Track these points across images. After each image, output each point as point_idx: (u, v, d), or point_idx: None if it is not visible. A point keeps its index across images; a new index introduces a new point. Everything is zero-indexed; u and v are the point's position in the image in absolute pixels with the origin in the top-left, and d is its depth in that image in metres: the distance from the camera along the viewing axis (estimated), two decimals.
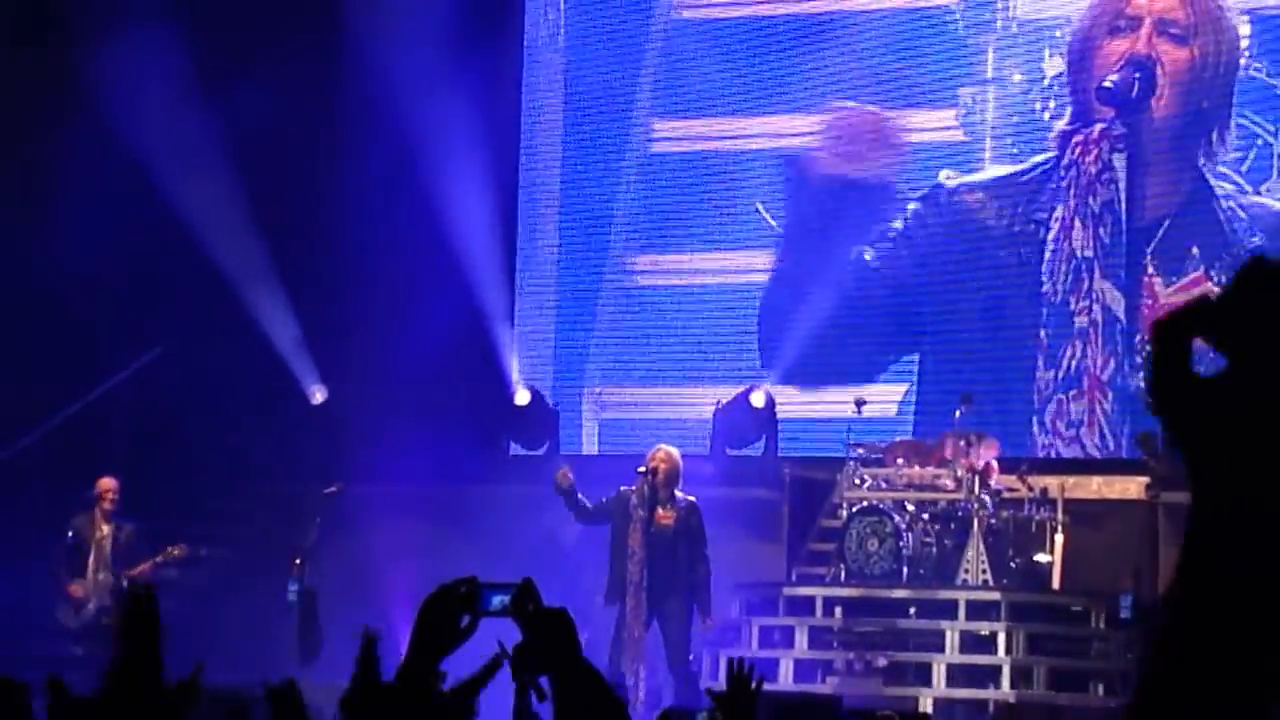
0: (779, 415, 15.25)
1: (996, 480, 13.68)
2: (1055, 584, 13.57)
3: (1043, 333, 15.38)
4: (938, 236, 15.84)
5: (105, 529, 13.19)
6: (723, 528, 13.41)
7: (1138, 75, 15.26)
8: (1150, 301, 15.06)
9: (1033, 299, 15.42)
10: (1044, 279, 15.42)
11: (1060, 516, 13.59)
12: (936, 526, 13.57)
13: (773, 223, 16.25)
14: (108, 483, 13.25)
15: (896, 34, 15.93)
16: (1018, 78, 15.77)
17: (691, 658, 12.20)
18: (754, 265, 16.31)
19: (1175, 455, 13.81)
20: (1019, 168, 15.66)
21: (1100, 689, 12.83)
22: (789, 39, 16.43)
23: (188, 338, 15.53)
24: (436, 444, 14.68)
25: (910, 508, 13.66)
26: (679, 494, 12.33)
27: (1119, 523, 13.72)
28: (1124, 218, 15.26)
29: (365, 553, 14.05)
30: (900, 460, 14.07)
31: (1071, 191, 15.39)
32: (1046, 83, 15.68)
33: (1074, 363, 15.27)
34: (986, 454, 13.66)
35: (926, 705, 12.46)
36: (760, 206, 16.33)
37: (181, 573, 13.92)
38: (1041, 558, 13.59)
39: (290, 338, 15.81)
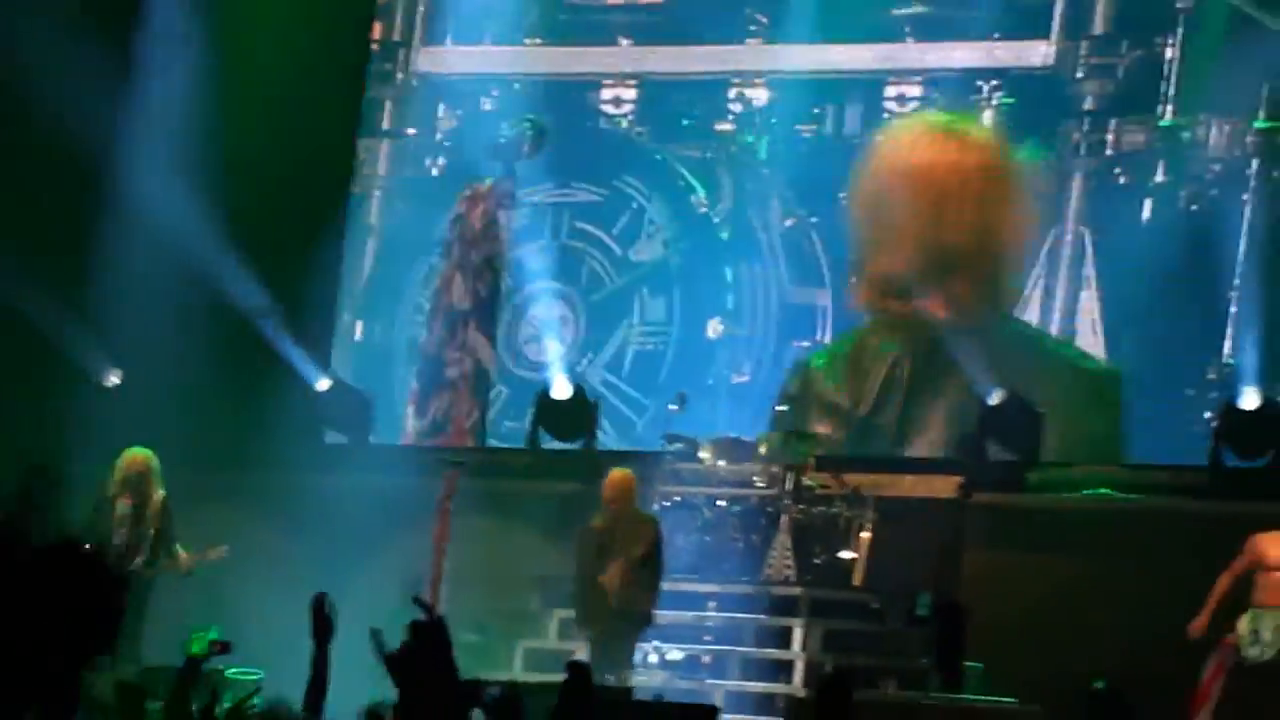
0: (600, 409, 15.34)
1: (809, 477, 13.85)
2: (857, 581, 13.76)
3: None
4: None
5: None
6: (534, 520, 13.50)
7: (530, 130, 15.61)
8: None
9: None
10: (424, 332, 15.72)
11: (868, 514, 13.81)
12: (745, 522, 13.73)
13: None
14: None
15: None
16: (412, 131, 16.26)
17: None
18: None
19: (983, 455, 14.01)
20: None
21: (893, 686, 12.89)
22: None
23: None
24: (247, 430, 14.49)
25: (721, 503, 13.82)
26: (642, 515, 12.32)
27: (926, 521, 13.75)
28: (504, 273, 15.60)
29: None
30: (714, 454, 14.13)
31: (456, 246, 15.61)
32: (438, 137, 16.13)
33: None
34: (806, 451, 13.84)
35: (718, 699, 12.52)
36: None
37: None
38: (845, 554, 13.76)
39: (80, 316, 15.38)
